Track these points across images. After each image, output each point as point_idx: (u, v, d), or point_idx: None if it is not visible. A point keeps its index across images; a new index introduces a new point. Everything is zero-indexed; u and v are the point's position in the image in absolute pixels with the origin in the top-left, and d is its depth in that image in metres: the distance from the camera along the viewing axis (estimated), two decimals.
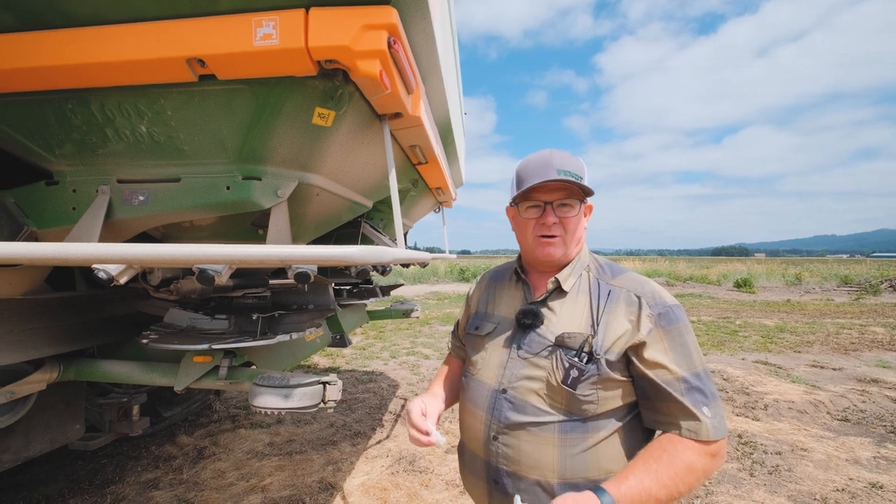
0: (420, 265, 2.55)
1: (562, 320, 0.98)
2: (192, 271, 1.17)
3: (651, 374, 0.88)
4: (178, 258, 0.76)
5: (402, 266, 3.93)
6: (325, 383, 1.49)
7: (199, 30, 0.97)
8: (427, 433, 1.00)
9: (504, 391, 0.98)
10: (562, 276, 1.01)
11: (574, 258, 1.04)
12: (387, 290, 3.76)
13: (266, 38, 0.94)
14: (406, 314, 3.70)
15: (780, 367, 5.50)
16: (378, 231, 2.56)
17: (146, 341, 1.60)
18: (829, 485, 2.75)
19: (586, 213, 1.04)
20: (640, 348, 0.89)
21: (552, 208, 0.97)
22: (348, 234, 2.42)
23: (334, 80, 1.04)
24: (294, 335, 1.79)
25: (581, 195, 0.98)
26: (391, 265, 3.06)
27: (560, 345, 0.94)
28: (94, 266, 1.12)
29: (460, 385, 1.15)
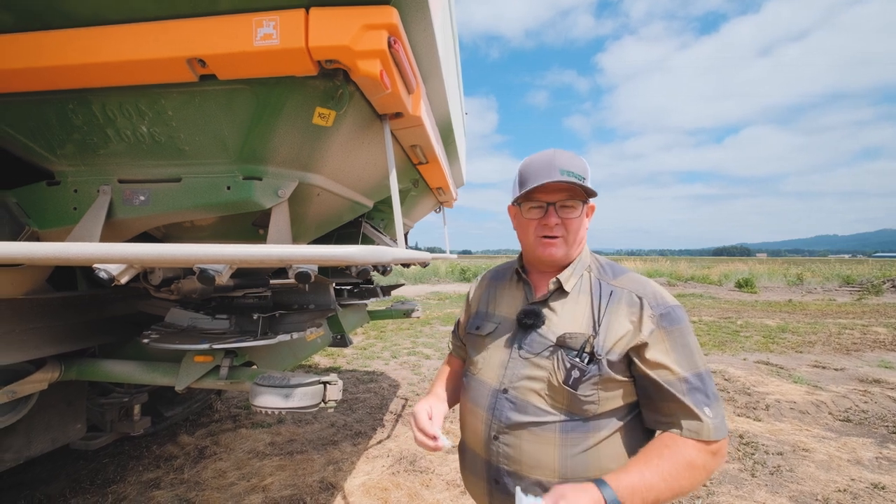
0: (421, 265, 2.55)
1: (563, 320, 0.97)
2: (192, 271, 1.17)
3: (653, 375, 0.88)
4: (178, 258, 0.77)
5: (403, 266, 3.93)
6: (325, 383, 1.49)
7: (199, 30, 0.97)
8: (434, 437, 1.00)
9: (505, 391, 0.98)
10: (563, 276, 1.01)
11: (575, 258, 1.04)
12: (388, 290, 3.76)
13: (266, 38, 0.94)
14: (407, 314, 3.70)
15: (782, 368, 5.49)
16: (379, 231, 2.55)
17: (147, 341, 1.60)
18: (830, 485, 2.74)
19: (588, 214, 1.03)
20: (641, 349, 0.89)
21: (554, 209, 0.97)
22: (349, 234, 2.42)
23: (335, 80, 1.04)
24: (295, 335, 1.79)
25: (584, 196, 0.98)
26: (392, 265, 3.06)
27: (561, 345, 0.94)
28: (95, 266, 1.12)
29: (461, 385, 1.15)
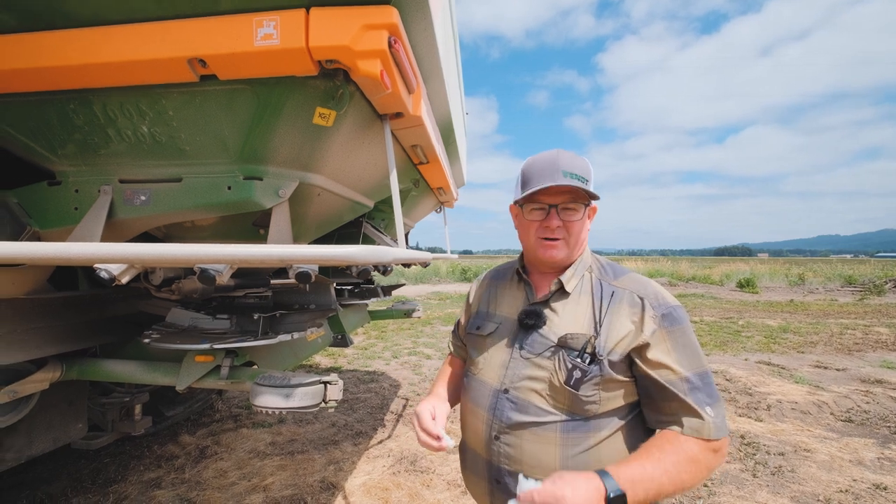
0: (422, 265, 2.55)
1: (564, 321, 0.97)
2: (193, 271, 1.17)
3: (655, 375, 0.88)
4: (179, 258, 0.77)
5: (404, 266, 3.93)
6: (326, 383, 1.50)
7: (200, 30, 0.97)
8: (438, 437, 1.00)
9: (506, 391, 0.98)
10: (565, 277, 1.01)
11: (576, 259, 1.04)
12: (388, 290, 3.76)
13: (267, 38, 0.94)
14: (408, 314, 3.70)
15: (784, 368, 5.47)
16: (379, 231, 2.56)
17: (148, 341, 1.60)
18: (832, 486, 2.74)
19: (590, 216, 1.03)
20: (643, 349, 0.90)
21: (556, 212, 0.97)
22: (350, 234, 2.42)
23: (335, 80, 1.04)
24: (295, 335, 1.80)
25: (586, 199, 0.97)
26: (392, 265, 3.06)
27: (563, 345, 0.94)
28: (96, 266, 1.12)
29: (462, 385, 1.15)
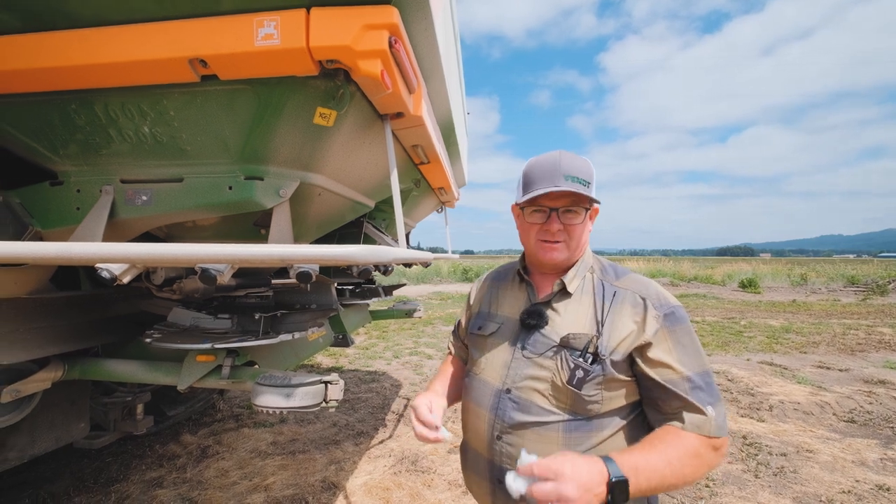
0: (423, 265, 2.55)
1: (566, 321, 0.98)
2: (194, 271, 1.18)
3: (657, 374, 0.88)
4: (180, 258, 0.77)
5: (405, 266, 3.93)
6: (326, 383, 1.49)
7: (200, 30, 0.97)
8: (436, 428, 1.00)
9: (508, 391, 0.98)
10: (567, 277, 1.01)
11: (578, 260, 1.04)
12: (389, 290, 3.76)
13: (267, 38, 0.94)
14: (409, 314, 3.70)
15: (786, 368, 5.46)
16: (380, 231, 2.56)
17: (150, 340, 1.61)
18: (834, 487, 2.73)
19: (591, 217, 1.03)
20: (645, 348, 0.90)
21: (557, 215, 0.97)
22: (351, 234, 2.42)
23: (336, 80, 1.04)
24: (296, 334, 1.80)
25: (587, 202, 0.97)
26: (393, 265, 3.06)
27: (565, 345, 0.94)
28: (97, 265, 1.12)
29: (463, 385, 1.15)
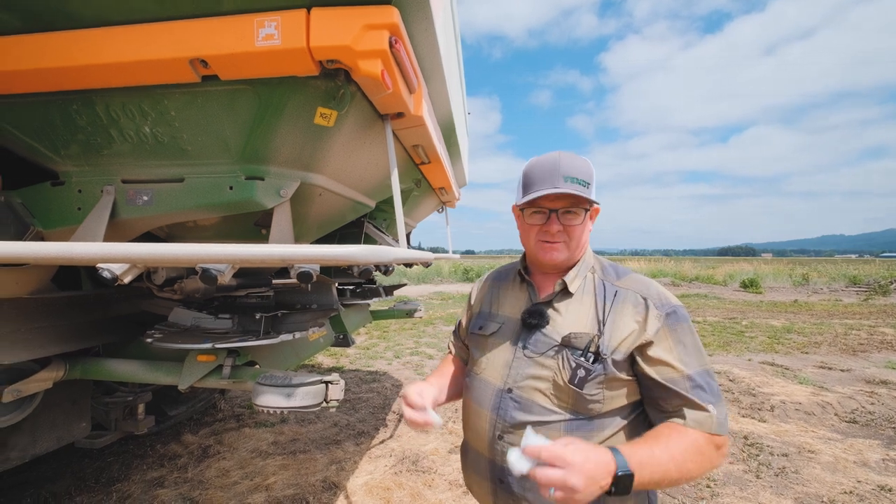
0: (423, 265, 2.55)
1: (567, 320, 0.98)
2: (195, 271, 1.18)
3: (657, 373, 0.89)
4: (181, 258, 0.77)
5: (406, 266, 3.94)
6: (327, 382, 1.50)
7: (201, 30, 0.97)
8: (424, 409, 1.00)
9: (509, 390, 0.98)
10: (568, 277, 1.01)
11: (579, 260, 1.04)
12: (390, 290, 3.76)
13: (268, 38, 0.95)
14: (410, 314, 3.70)
15: (787, 368, 5.45)
16: (381, 231, 2.56)
17: (150, 340, 1.61)
18: (836, 487, 2.72)
19: (592, 217, 1.03)
20: (646, 348, 0.90)
21: (557, 216, 0.97)
22: (351, 234, 2.42)
23: (336, 80, 1.04)
24: (297, 334, 1.80)
25: (587, 203, 0.97)
26: (394, 265, 3.06)
27: (566, 345, 0.94)
28: (98, 265, 1.12)
29: (464, 384, 1.15)
